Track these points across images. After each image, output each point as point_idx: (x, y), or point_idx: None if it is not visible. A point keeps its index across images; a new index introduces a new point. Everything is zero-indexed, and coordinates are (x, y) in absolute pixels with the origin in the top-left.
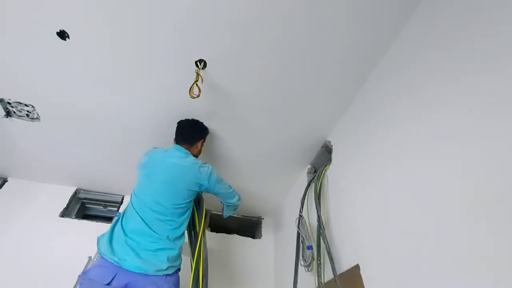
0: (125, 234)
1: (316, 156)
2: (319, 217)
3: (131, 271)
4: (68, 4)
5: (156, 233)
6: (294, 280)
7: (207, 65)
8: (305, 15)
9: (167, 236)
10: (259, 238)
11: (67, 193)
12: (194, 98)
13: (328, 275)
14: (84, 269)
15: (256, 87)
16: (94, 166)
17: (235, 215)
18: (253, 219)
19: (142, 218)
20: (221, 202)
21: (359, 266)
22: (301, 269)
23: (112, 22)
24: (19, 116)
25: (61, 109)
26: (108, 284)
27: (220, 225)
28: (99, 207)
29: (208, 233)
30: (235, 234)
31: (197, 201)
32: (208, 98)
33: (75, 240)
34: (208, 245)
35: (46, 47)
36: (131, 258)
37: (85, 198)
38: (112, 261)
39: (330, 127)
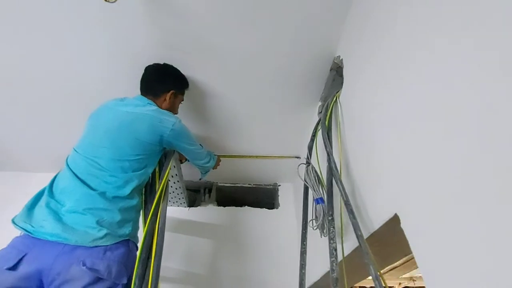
0: (51, 196)
1: (325, 86)
2: (328, 156)
3: (51, 246)
4: None
5: (90, 188)
6: (301, 250)
7: None
8: None
9: (104, 193)
10: (277, 208)
11: None
12: (110, 1)
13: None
14: None
15: None
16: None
17: (245, 185)
18: (268, 187)
19: (74, 173)
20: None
21: (398, 217)
22: (317, 233)
23: None
24: None
25: None
26: (11, 268)
27: (230, 198)
28: None
29: (214, 208)
30: (246, 206)
31: (164, 158)
32: (152, 20)
33: None
34: (215, 221)
35: None
36: (49, 224)
37: None
38: (25, 230)
39: (336, 37)
